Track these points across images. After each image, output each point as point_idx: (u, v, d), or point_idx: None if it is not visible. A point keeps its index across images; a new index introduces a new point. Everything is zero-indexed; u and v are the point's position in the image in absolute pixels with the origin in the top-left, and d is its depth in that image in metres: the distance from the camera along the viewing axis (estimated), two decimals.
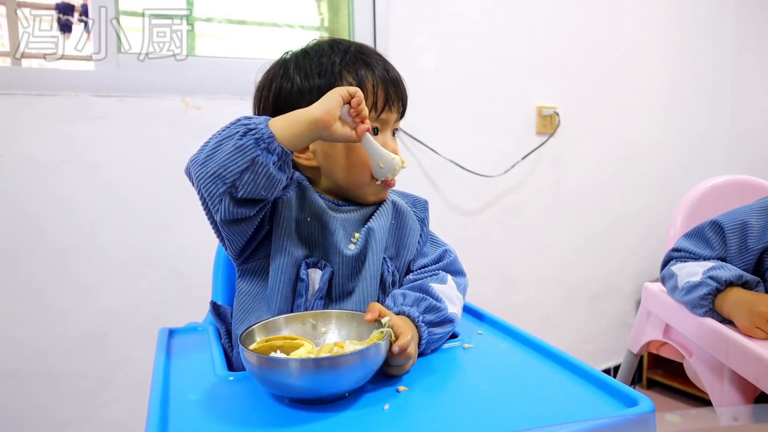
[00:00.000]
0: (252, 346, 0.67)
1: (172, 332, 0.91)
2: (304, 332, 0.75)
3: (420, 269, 0.92)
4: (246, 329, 0.70)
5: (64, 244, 1.41)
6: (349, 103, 0.76)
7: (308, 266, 0.83)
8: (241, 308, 0.85)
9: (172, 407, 0.65)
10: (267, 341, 0.69)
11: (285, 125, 0.73)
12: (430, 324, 0.78)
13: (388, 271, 0.88)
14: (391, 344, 0.68)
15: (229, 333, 0.88)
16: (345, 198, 0.89)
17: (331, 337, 0.75)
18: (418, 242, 0.93)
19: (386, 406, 0.64)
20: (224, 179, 0.70)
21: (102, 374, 1.47)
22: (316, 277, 0.83)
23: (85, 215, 1.43)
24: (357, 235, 0.85)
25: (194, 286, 1.53)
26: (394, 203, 0.91)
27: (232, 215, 0.73)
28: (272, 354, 0.67)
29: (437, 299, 0.81)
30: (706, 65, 2.50)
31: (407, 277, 0.91)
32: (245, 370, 0.71)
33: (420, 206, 0.95)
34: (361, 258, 0.84)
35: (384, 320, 0.71)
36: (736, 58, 2.55)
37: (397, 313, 0.77)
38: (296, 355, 0.67)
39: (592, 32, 2.18)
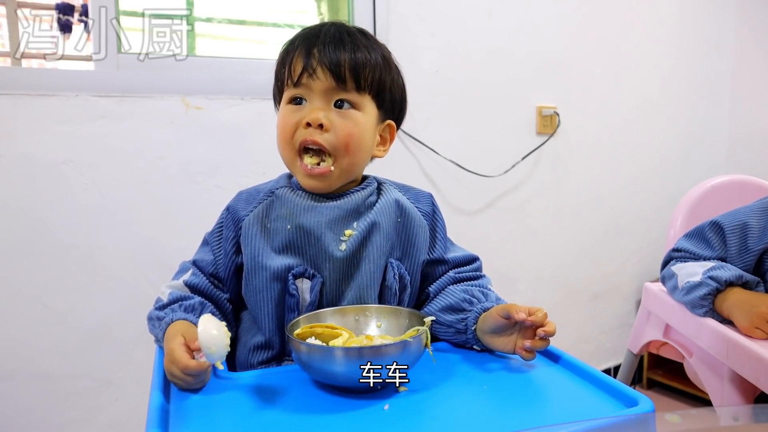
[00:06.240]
0: (296, 332, 0.71)
1: None
2: (346, 324, 0.77)
3: (457, 267, 0.90)
4: (293, 320, 0.74)
5: (64, 244, 1.41)
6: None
7: (295, 277, 0.78)
8: (241, 329, 0.87)
9: (172, 407, 0.65)
10: (311, 327, 0.73)
11: (164, 338, 0.73)
12: None
13: (395, 277, 0.82)
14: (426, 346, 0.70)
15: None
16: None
17: (372, 330, 0.78)
18: (436, 236, 0.89)
19: (386, 406, 0.63)
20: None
21: (102, 374, 1.47)
22: (305, 287, 0.79)
23: (85, 215, 1.43)
24: (348, 232, 0.80)
25: None
26: (397, 201, 0.85)
27: None
28: (308, 340, 0.69)
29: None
30: (706, 65, 2.50)
31: (448, 274, 0.89)
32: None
33: (424, 200, 0.90)
34: (354, 260, 0.79)
35: (426, 319, 0.72)
36: (736, 58, 2.55)
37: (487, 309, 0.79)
38: (333, 343, 0.70)
39: (592, 32, 2.17)
